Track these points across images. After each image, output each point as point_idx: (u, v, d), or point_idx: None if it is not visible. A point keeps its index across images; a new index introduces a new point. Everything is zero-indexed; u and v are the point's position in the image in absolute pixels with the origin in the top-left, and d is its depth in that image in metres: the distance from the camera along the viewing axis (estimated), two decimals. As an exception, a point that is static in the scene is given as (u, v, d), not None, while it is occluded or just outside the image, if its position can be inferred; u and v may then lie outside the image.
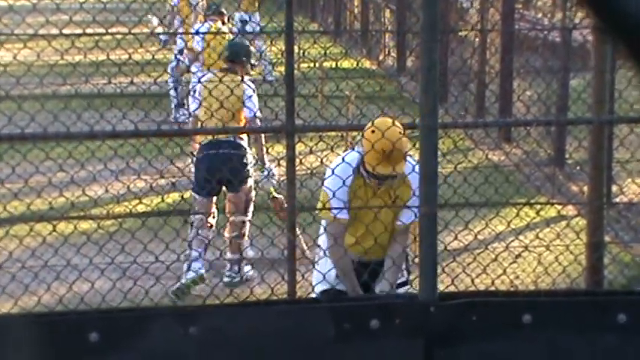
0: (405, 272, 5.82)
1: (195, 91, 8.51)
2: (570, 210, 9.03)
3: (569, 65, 10.30)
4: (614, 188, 9.10)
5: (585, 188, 8.53)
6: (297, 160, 6.23)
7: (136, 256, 5.11)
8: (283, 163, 6.67)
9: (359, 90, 10.47)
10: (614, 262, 7.57)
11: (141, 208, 8.13)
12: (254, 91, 8.44)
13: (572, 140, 10.13)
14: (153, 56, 7.22)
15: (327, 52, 7.04)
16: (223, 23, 11.79)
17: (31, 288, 5.39)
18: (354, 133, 9.92)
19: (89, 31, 6.63)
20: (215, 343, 4.05)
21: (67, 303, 5.36)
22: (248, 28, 14.41)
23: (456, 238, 5.80)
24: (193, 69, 11.16)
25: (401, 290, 5.67)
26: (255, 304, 4.51)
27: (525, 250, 6.76)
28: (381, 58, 14.85)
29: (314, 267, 5.88)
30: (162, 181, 8.84)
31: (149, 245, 5.49)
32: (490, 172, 7.56)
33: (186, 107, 11.13)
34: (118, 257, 5.38)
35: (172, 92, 11.38)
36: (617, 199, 9.04)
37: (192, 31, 11.43)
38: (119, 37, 7.15)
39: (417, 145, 4.23)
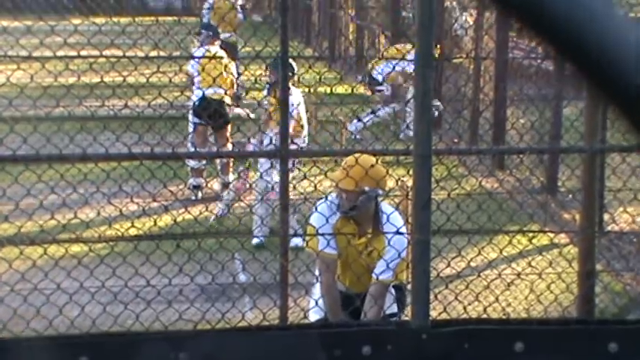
0: (395, 305, 5.82)
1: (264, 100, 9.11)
2: (562, 238, 9.02)
3: (562, 93, 10.32)
4: (606, 217, 9.10)
5: (577, 216, 8.53)
6: (291, 186, 6.24)
7: (127, 280, 5.09)
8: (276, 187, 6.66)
9: (353, 116, 10.52)
10: (606, 290, 7.56)
11: (133, 232, 8.10)
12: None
13: (564, 168, 10.14)
14: (147, 79, 7.22)
15: (322, 77, 7.05)
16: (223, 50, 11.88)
17: (20, 312, 5.35)
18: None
19: (83, 53, 6.64)
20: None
21: (57, 327, 5.32)
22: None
23: (448, 265, 5.79)
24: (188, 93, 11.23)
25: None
26: (246, 329, 4.48)
27: (517, 278, 6.74)
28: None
29: (307, 293, 5.90)
30: (155, 205, 8.82)
31: (140, 269, 5.47)
32: (483, 199, 7.56)
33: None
34: (108, 281, 5.36)
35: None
36: (609, 228, 9.04)
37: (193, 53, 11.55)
38: (113, 59, 7.15)
39: (411, 172, 4.22)
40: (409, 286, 4.23)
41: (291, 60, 9.62)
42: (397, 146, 9.25)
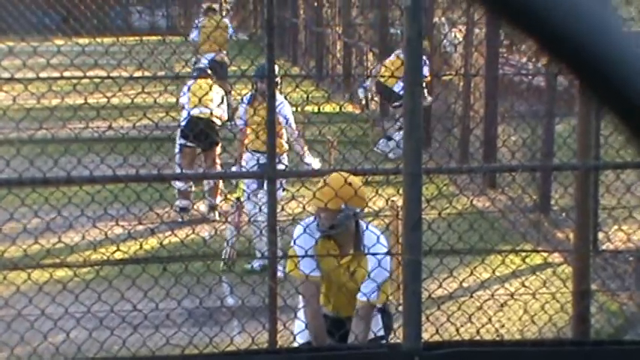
0: (382, 328, 5.82)
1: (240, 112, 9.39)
2: (556, 257, 9.04)
3: (554, 110, 10.37)
4: (601, 235, 9.12)
5: (571, 235, 8.55)
6: (279, 207, 6.24)
7: (113, 304, 5.08)
8: (265, 208, 6.66)
9: (342, 135, 10.52)
10: (601, 310, 7.57)
11: (118, 255, 8.09)
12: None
13: (557, 186, 10.17)
14: (132, 100, 7.23)
15: (309, 96, 7.06)
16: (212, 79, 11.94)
17: (4, 338, 5.34)
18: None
19: (67, 74, 6.65)
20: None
21: (41, 354, 5.31)
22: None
23: (440, 286, 5.79)
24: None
25: None
26: (235, 353, 4.48)
27: (511, 299, 6.75)
28: (364, 102, 14.91)
29: (296, 316, 5.89)
30: (141, 228, 8.81)
31: (126, 293, 5.45)
32: (475, 218, 7.57)
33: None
34: (94, 306, 5.34)
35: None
36: (604, 247, 9.06)
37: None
38: (97, 80, 7.15)
39: (401, 191, 4.24)
40: (400, 308, 4.23)
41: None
42: (387, 165, 9.26)
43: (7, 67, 6.61)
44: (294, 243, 5.67)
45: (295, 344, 5.71)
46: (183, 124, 11.11)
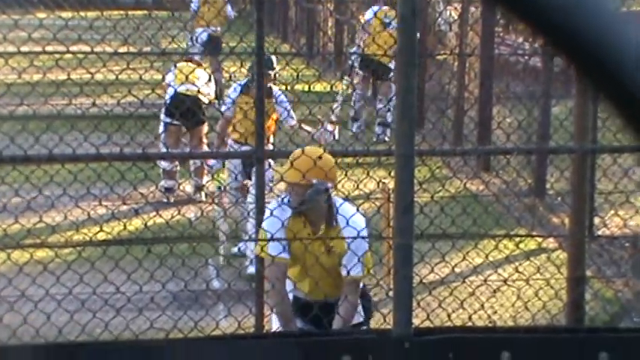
0: (361, 313, 5.82)
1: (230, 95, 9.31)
2: (551, 243, 9.06)
3: (550, 92, 10.38)
4: (597, 220, 9.15)
5: (566, 220, 8.57)
6: (268, 188, 6.25)
7: (96, 286, 5.08)
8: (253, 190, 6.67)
9: (332, 114, 10.54)
10: (596, 297, 7.60)
11: (101, 236, 8.09)
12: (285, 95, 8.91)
13: (553, 170, 10.19)
14: (116, 76, 7.21)
15: (300, 74, 7.05)
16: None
17: (5, 318, 5.34)
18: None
19: (49, 49, 6.62)
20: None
21: (20, 336, 5.30)
22: None
23: (432, 271, 5.81)
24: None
25: None
26: (220, 338, 4.49)
27: (504, 285, 6.77)
28: (355, 81, 14.88)
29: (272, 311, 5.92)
30: (125, 208, 8.81)
31: (110, 275, 5.45)
32: (468, 202, 7.58)
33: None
34: (75, 288, 5.33)
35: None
36: (600, 232, 9.09)
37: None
38: (81, 55, 7.13)
39: (392, 174, 4.24)
40: (390, 293, 4.24)
41: (272, 55, 9.64)
42: (379, 147, 9.27)
43: (-14, 41, 6.59)
44: (266, 223, 5.67)
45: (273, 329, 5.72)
46: (168, 101, 11.07)
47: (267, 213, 5.71)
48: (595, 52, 0.90)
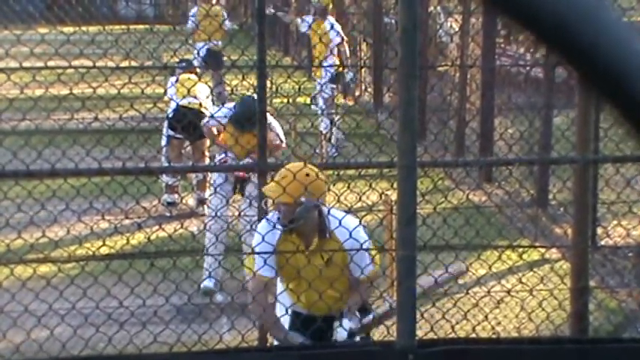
0: (356, 321, 5.81)
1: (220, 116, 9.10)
2: (554, 253, 9.05)
3: (552, 102, 10.37)
4: (600, 230, 9.13)
5: (569, 230, 8.56)
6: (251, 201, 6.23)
7: (99, 301, 5.07)
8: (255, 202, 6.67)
9: (336, 127, 10.56)
10: (600, 308, 7.58)
11: (104, 251, 8.09)
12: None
13: (555, 180, 10.18)
14: (119, 91, 7.22)
15: (301, 87, 7.05)
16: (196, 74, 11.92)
17: (8, 334, 5.32)
18: (329, 172, 9.91)
19: (51, 64, 6.63)
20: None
21: (24, 351, 5.30)
22: None
23: (435, 282, 5.80)
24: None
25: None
26: (224, 351, 4.48)
27: (508, 296, 6.76)
28: (357, 93, 14.88)
29: (287, 313, 5.89)
30: (127, 222, 8.80)
31: (113, 290, 5.44)
32: (471, 213, 7.58)
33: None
34: (79, 302, 5.33)
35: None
36: (603, 242, 9.07)
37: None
38: (83, 70, 7.15)
39: (395, 185, 4.23)
40: (394, 305, 4.22)
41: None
42: (381, 158, 9.21)
43: (-11, 57, 6.61)
44: (254, 239, 5.68)
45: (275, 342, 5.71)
46: (170, 114, 11.06)
47: (256, 237, 5.69)
48: (600, 59, 0.90)
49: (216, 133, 9.51)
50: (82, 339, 5.17)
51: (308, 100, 12.96)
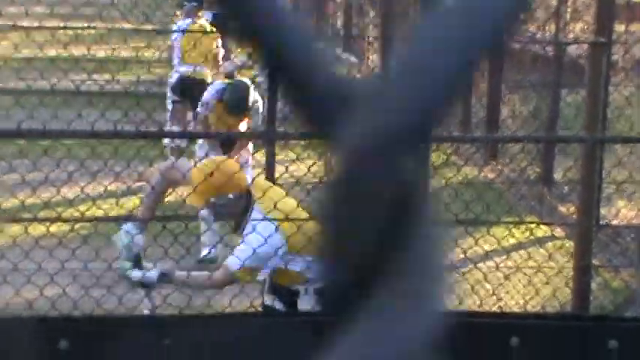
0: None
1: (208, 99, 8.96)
2: (559, 232, 8.99)
3: (560, 81, 10.28)
4: (604, 211, 9.06)
5: (573, 209, 8.51)
6: (284, 168, 6.18)
7: (111, 261, 5.03)
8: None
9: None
10: (604, 287, 7.53)
11: (116, 212, 8.04)
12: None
13: (561, 159, 10.11)
14: (137, 52, 7.17)
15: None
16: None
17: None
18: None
19: (71, 24, 6.59)
20: (190, 356, 3.99)
21: (37, 308, 5.26)
22: None
23: (465, 254, 5.77)
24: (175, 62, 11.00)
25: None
26: (233, 315, 4.45)
27: (516, 271, 6.72)
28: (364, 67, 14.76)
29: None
30: (137, 185, 8.73)
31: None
32: (477, 189, 7.52)
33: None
34: (90, 262, 5.27)
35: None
36: (607, 222, 9.01)
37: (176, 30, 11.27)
38: (102, 31, 7.10)
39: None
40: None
41: (250, 88, 9.39)
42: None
43: (10, 16, 6.55)
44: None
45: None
46: (176, 81, 10.83)
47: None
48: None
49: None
50: (92, 298, 5.13)
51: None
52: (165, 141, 10.87)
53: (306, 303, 5.56)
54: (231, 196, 5.48)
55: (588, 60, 6.70)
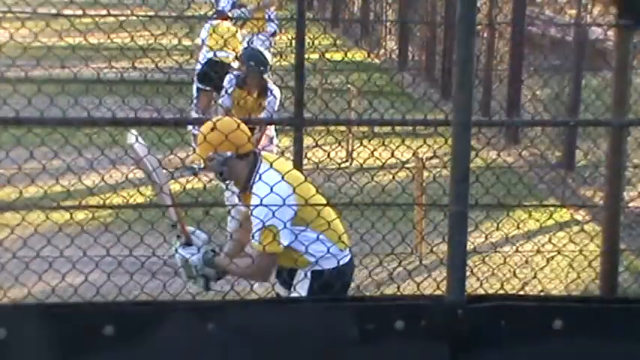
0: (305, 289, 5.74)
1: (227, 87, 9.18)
2: (581, 215, 9.02)
3: (582, 65, 10.30)
4: (627, 194, 9.10)
5: (593, 193, 8.55)
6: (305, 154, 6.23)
7: (155, 248, 5.07)
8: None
9: (364, 84, 10.48)
10: (629, 270, 7.58)
11: (137, 199, 8.08)
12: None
13: (581, 142, 10.15)
14: (155, 39, 7.18)
15: (326, 43, 6.97)
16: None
17: (22, 279, 5.33)
18: (364, 128, 9.87)
19: (90, 12, 6.61)
20: (234, 341, 4.03)
21: (60, 295, 5.31)
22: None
23: (486, 238, 5.80)
24: (201, 57, 11.14)
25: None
26: (276, 301, 4.49)
27: (540, 254, 6.75)
28: (382, 52, 14.75)
29: None
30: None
31: (146, 239, 5.40)
32: (501, 172, 7.54)
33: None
34: (113, 250, 5.31)
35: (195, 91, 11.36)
36: (631, 205, 9.05)
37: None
38: (122, 18, 7.13)
39: (428, 143, 4.21)
40: (424, 261, 4.20)
41: (265, 52, 9.60)
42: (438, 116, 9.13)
43: (30, 2, 6.56)
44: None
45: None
46: (201, 67, 11.00)
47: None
48: None
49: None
50: (138, 284, 5.18)
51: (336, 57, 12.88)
52: (190, 127, 11.00)
53: (302, 287, 5.63)
54: (231, 154, 5.59)
55: (616, 43, 6.72)
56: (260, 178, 5.42)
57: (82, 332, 3.90)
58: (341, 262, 5.69)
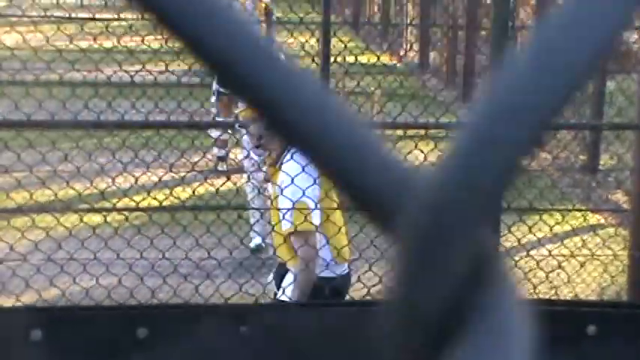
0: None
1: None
2: (608, 219, 9.12)
3: (606, 67, 10.43)
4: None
5: (616, 197, 8.68)
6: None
7: (188, 250, 5.21)
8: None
9: (380, 86, 10.60)
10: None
11: (148, 203, 8.18)
12: None
13: (605, 146, 10.28)
14: (165, 41, 7.33)
15: (346, 46, 7.08)
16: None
17: (32, 282, 5.46)
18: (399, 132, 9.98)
19: (99, 16, 6.77)
20: (267, 343, 4.15)
21: (93, 297, 5.47)
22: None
23: (519, 242, 5.93)
24: None
25: None
26: (310, 304, 4.63)
27: (592, 258, 6.87)
28: (402, 53, 14.86)
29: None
30: (176, 176, 8.84)
31: (156, 242, 5.52)
32: (529, 176, 7.66)
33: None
34: (124, 253, 5.44)
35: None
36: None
37: None
38: (131, 22, 7.28)
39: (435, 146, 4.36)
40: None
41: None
42: (421, 119, 9.23)
43: (41, 6, 6.71)
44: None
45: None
46: None
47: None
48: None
49: None
50: (171, 287, 5.30)
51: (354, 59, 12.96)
52: (214, 133, 11.27)
53: (290, 290, 5.37)
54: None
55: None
56: (292, 158, 5.32)
57: (117, 335, 4.04)
58: (334, 275, 5.52)
